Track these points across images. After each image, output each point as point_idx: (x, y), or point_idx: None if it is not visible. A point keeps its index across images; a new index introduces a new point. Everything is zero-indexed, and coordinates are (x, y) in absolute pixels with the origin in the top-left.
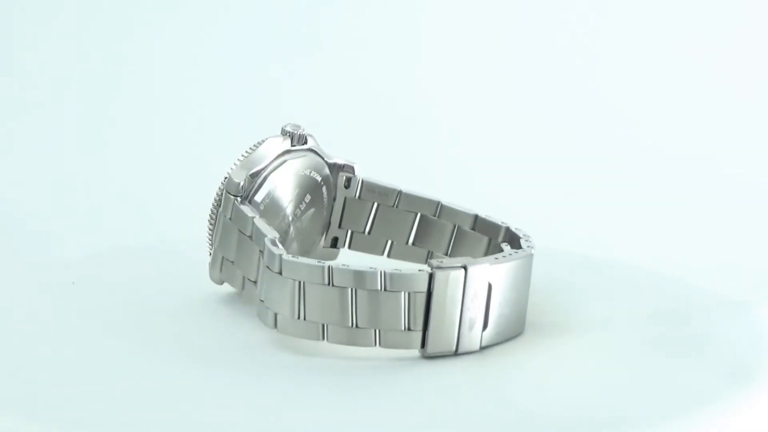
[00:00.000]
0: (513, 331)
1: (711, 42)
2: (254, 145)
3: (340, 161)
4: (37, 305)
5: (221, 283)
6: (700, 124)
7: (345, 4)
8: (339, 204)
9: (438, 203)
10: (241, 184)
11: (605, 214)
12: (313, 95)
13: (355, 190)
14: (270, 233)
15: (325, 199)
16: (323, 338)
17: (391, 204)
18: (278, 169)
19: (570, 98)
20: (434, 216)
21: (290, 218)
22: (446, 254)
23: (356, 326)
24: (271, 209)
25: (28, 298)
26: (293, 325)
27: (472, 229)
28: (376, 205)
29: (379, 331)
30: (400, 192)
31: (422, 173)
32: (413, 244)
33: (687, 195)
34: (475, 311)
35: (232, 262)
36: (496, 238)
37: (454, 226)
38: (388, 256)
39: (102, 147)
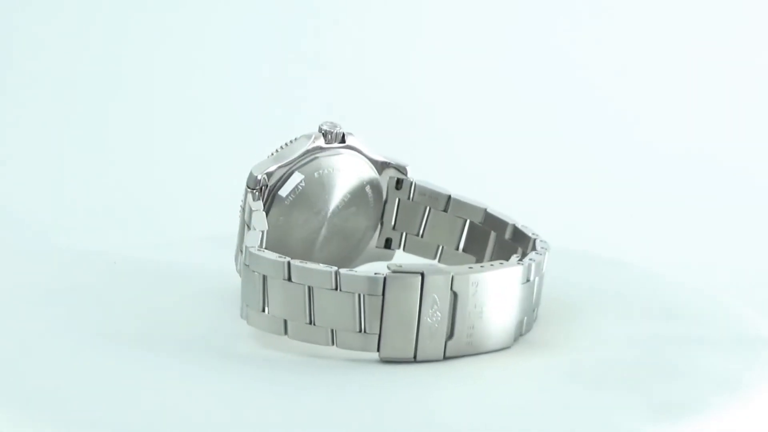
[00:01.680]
0: (492, 344)
1: (714, 43)
2: (287, 142)
3: (389, 161)
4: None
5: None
6: (700, 124)
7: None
8: (392, 205)
9: (484, 210)
10: (259, 177)
11: (605, 214)
12: (313, 95)
13: (408, 192)
14: (260, 226)
15: (370, 199)
16: (285, 333)
17: (442, 208)
18: (307, 165)
19: (570, 98)
20: (480, 223)
21: (325, 215)
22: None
23: (314, 324)
24: (298, 204)
25: (25, 296)
26: (259, 318)
27: (510, 239)
28: (428, 208)
29: (335, 330)
30: (449, 197)
31: (423, 173)
32: (463, 250)
33: (686, 195)
34: (435, 319)
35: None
36: (525, 250)
37: (496, 236)
38: (439, 260)
39: (102, 147)
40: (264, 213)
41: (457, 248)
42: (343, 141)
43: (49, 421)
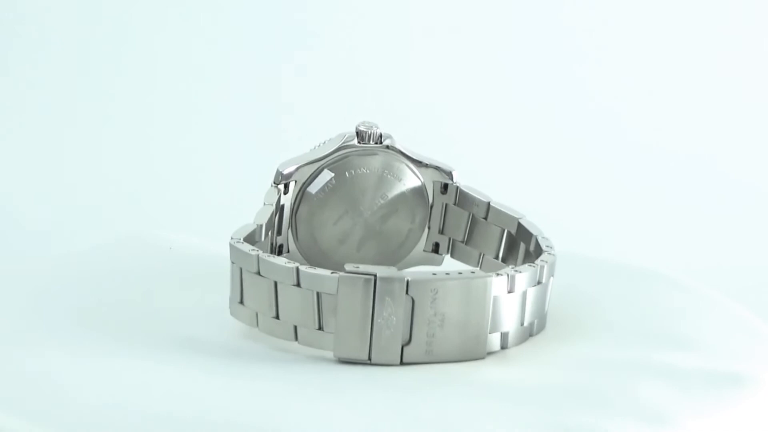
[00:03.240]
0: (457, 355)
1: (718, 44)
2: (324, 141)
3: (433, 163)
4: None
5: None
6: (701, 124)
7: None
8: (439, 209)
9: (517, 221)
10: (284, 173)
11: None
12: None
13: (454, 197)
14: (258, 219)
15: (412, 201)
16: (257, 326)
17: (483, 216)
18: (338, 163)
19: (571, 98)
20: (514, 234)
21: (359, 215)
22: None
23: (278, 318)
24: (328, 202)
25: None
26: (238, 310)
27: (533, 251)
28: (471, 215)
29: (297, 327)
30: (489, 204)
31: None
32: (502, 260)
33: (687, 195)
34: (390, 323)
35: None
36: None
37: (525, 248)
38: (481, 269)
39: (103, 147)
40: (272, 208)
41: (497, 257)
42: (379, 142)
43: (49, 422)
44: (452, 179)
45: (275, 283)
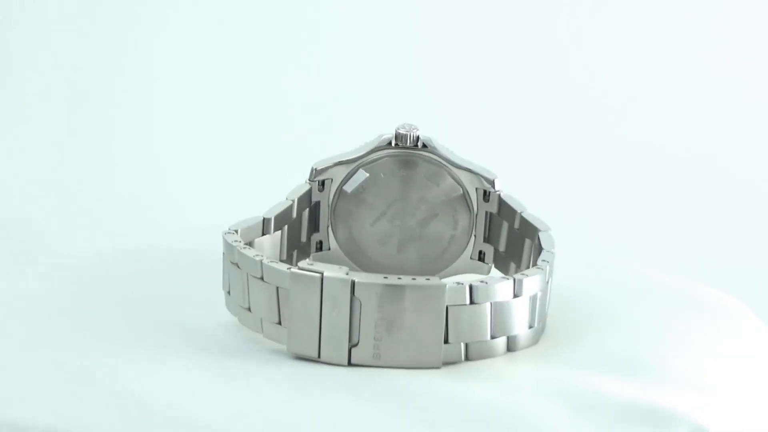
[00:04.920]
0: (408, 362)
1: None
2: (365, 144)
3: (475, 169)
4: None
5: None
6: (703, 125)
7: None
8: (483, 217)
9: (538, 233)
10: (317, 169)
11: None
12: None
13: (496, 205)
14: (269, 213)
15: (452, 207)
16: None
17: (517, 226)
18: (373, 164)
19: (573, 98)
20: (536, 247)
21: (397, 218)
22: None
23: (250, 310)
24: (364, 202)
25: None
26: (227, 300)
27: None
28: (507, 224)
29: (262, 320)
30: (520, 215)
31: None
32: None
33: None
34: (336, 323)
35: None
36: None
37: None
38: None
39: (104, 148)
40: (289, 204)
41: (528, 267)
42: (417, 144)
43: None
44: (494, 187)
45: (247, 275)
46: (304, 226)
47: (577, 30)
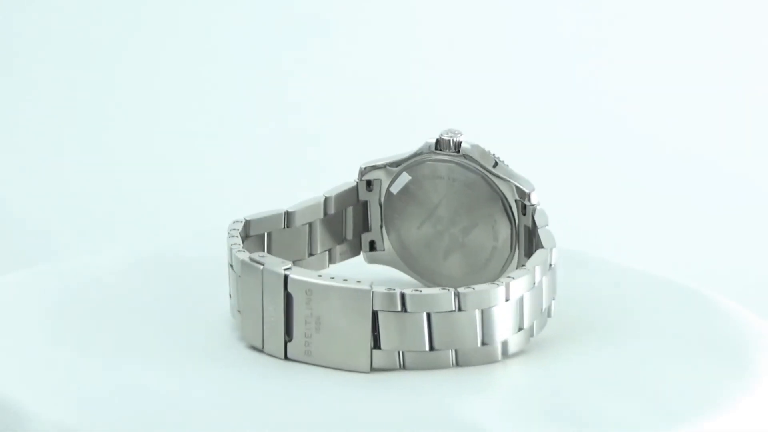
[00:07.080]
0: (336, 362)
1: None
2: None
3: (511, 180)
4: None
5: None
6: (705, 126)
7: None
8: (524, 232)
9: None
10: (363, 168)
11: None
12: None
13: (530, 219)
14: (293, 207)
15: (491, 218)
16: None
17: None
18: (416, 167)
19: (575, 98)
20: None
21: (440, 223)
22: None
23: (231, 298)
24: (408, 205)
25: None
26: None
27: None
28: (538, 238)
29: (235, 309)
30: (537, 228)
31: None
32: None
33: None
34: (272, 315)
35: None
36: None
37: None
38: None
39: (105, 148)
40: (319, 200)
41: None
42: (457, 150)
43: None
44: (530, 200)
45: (230, 266)
46: (348, 223)
47: (574, 28)
